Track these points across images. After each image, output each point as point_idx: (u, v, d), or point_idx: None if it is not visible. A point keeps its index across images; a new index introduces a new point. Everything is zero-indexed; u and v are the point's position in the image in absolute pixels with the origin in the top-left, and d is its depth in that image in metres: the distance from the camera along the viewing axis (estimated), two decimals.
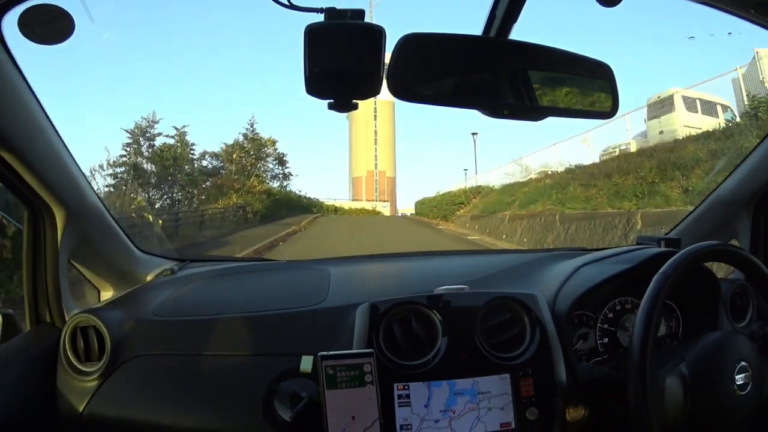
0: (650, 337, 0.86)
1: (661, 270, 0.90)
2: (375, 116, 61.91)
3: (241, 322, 1.10)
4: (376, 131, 60.86)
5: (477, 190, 22.97)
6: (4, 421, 0.96)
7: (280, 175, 27.82)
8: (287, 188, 28.05)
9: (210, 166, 23.96)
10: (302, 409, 0.92)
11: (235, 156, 24.54)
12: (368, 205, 40.84)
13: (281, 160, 27.79)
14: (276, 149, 27.45)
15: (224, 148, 24.81)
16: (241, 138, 26.19)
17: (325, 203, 33.35)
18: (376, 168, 59.98)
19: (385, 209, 40.52)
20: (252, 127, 27.37)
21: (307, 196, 31.07)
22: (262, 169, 26.20)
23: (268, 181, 25.87)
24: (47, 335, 1.10)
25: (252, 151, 25.88)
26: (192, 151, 22.33)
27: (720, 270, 1.17)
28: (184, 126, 22.70)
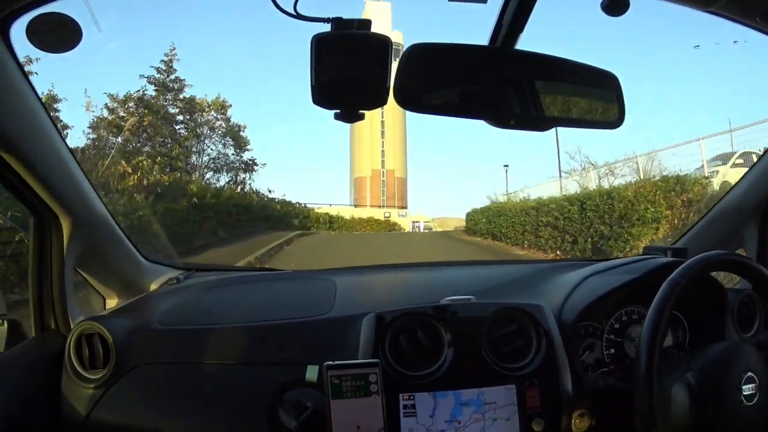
0: (657, 345, 0.85)
1: (669, 278, 0.90)
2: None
3: (247, 332, 1.10)
4: (383, 121, 49.80)
5: (681, 185, 9.01)
6: (8, 426, 0.97)
7: (238, 165, 16.25)
8: (248, 186, 16.55)
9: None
10: (307, 418, 0.92)
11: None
12: (377, 213, 30.72)
13: (238, 138, 16.12)
14: (228, 118, 15.83)
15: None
16: (148, 89, 13.58)
17: (316, 211, 21.99)
18: (383, 166, 49.83)
19: (402, 220, 30.58)
20: (168, 66, 14.12)
21: (286, 199, 19.21)
22: (199, 148, 15.04)
23: (200, 169, 15.08)
24: (52, 342, 1.10)
25: (172, 109, 14.05)
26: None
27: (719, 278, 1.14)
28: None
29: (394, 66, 0.80)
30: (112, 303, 1.35)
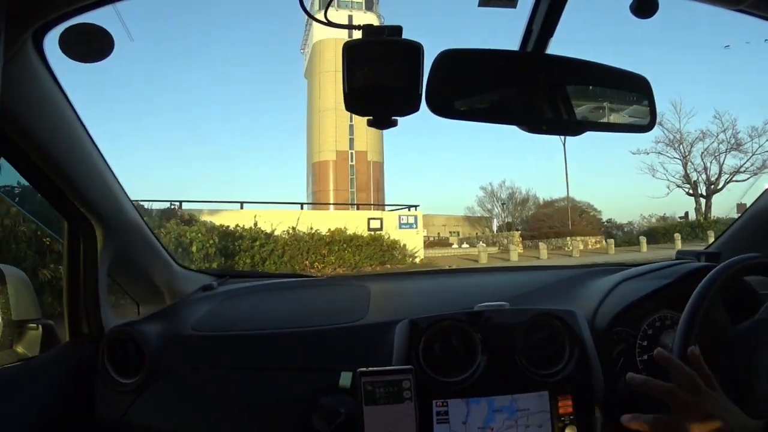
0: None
1: (700, 284, 0.88)
2: None
3: (281, 338, 1.11)
4: None
5: None
6: (41, 430, 0.98)
7: None
8: None
9: None
10: (340, 424, 0.93)
11: None
12: (352, 219, 14.76)
13: None
14: None
15: None
16: None
17: (201, 219, 10.62)
18: (351, 147, 37.16)
19: (410, 233, 16.07)
20: None
21: None
22: None
23: None
24: (85, 347, 1.12)
25: None
26: None
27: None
28: None
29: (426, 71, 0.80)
30: (146, 309, 1.36)
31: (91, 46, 0.94)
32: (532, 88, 0.92)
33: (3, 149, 0.90)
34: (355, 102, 0.78)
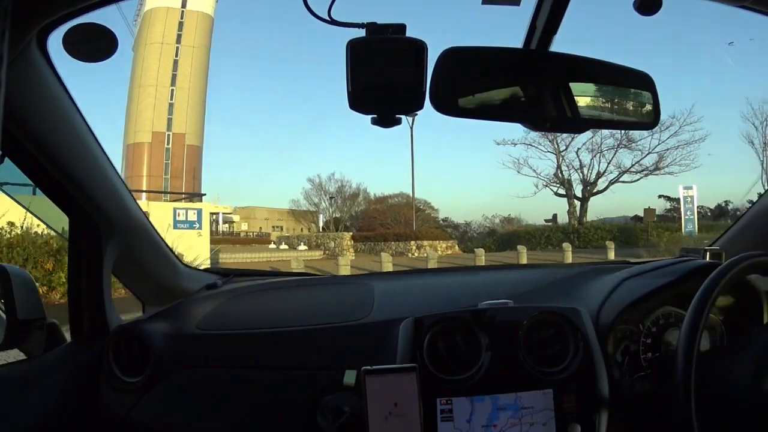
0: (695, 349, 0.84)
1: (705, 281, 0.88)
2: (178, 41, 36.25)
3: (285, 337, 1.11)
4: (176, 60, 35.66)
5: None
6: (46, 430, 0.99)
7: None
8: None
9: None
10: (345, 423, 0.93)
11: None
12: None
13: None
14: None
15: None
16: None
17: None
18: (169, 128, 34.63)
19: (193, 235, 11.85)
20: None
21: None
22: None
23: None
24: (90, 346, 1.12)
25: None
26: None
27: None
28: None
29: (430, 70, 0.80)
30: (150, 308, 1.36)
31: (95, 45, 0.95)
32: (536, 85, 0.92)
33: (7, 148, 0.90)
34: (358, 100, 0.78)
